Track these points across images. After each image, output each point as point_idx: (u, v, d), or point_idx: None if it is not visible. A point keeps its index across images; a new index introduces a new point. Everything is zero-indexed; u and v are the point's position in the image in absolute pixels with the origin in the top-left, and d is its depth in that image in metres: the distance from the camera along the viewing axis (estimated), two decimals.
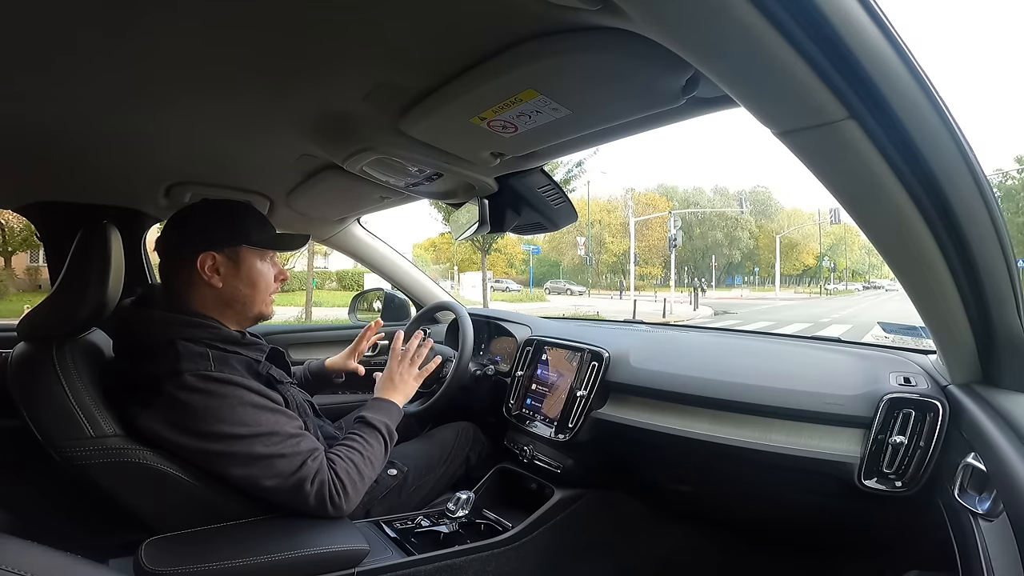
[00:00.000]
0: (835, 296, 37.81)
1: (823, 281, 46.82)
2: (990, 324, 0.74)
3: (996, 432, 0.68)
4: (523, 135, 0.85)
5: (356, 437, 1.01)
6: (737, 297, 32.71)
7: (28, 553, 0.53)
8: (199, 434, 0.86)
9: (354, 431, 1.04)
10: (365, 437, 1.02)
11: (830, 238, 48.60)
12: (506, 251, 36.44)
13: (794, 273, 48.96)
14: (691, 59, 0.53)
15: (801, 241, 47.45)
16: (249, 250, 0.99)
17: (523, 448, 1.38)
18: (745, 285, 47.27)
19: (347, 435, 1.03)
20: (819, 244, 48.01)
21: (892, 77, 0.49)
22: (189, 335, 0.92)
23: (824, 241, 48.37)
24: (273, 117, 0.90)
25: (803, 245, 47.77)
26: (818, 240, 47.51)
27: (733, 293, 38.01)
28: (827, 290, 42.98)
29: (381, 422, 1.06)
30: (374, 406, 1.11)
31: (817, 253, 48.28)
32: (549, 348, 1.44)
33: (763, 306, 23.11)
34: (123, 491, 0.89)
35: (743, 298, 31.65)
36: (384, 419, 1.07)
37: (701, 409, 1.12)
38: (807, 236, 47.15)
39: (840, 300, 30.91)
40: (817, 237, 47.29)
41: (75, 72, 0.72)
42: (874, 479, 0.91)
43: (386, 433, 1.05)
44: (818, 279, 47.99)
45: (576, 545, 1.29)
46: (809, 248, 48.44)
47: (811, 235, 47.10)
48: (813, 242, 47.95)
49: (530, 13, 0.57)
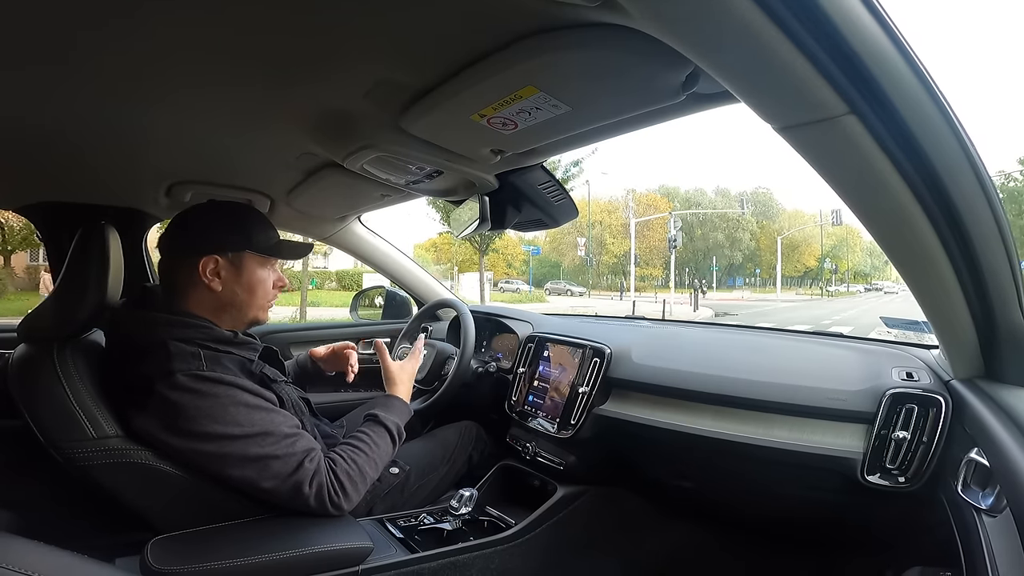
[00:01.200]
0: (836, 298, 37.47)
1: (824, 283, 46.13)
2: (992, 319, 0.74)
3: (999, 427, 0.68)
4: (523, 132, 0.85)
5: (365, 436, 1.01)
6: (738, 298, 32.39)
7: (34, 553, 0.53)
8: (192, 435, 0.86)
9: (364, 429, 1.03)
10: (374, 436, 1.02)
11: (832, 239, 47.91)
12: (505, 252, 35.78)
13: (795, 275, 48.02)
14: (691, 55, 0.53)
15: (803, 242, 46.64)
16: (252, 256, 0.99)
17: (525, 445, 1.38)
18: (746, 287, 46.33)
19: (357, 431, 1.03)
20: (820, 245, 47.10)
21: (892, 72, 0.49)
22: (181, 335, 0.91)
23: (826, 242, 47.61)
24: (273, 116, 0.90)
25: (804, 246, 46.86)
26: (819, 241, 46.64)
27: (734, 295, 37.39)
28: (828, 292, 42.62)
29: (393, 423, 1.06)
30: (387, 405, 1.11)
31: (818, 254, 47.33)
32: (551, 345, 1.44)
33: (764, 307, 22.95)
34: (126, 491, 0.89)
35: (744, 299, 31.41)
36: (396, 419, 1.08)
37: (703, 405, 1.12)
38: (809, 237, 46.30)
39: (841, 302, 30.76)
40: (818, 238, 46.26)
41: (74, 72, 0.72)
42: (877, 475, 0.91)
43: (396, 433, 1.06)
44: (819, 281, 47.14)
45: (579, 542, 1.29)
46: (811, 249, 47.26)
47: (813, 236, 46.13)
48: (815, 243, 46.87)
49: (529, 10, 0.57)
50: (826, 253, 48.13)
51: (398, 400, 1.13)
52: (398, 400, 1.13)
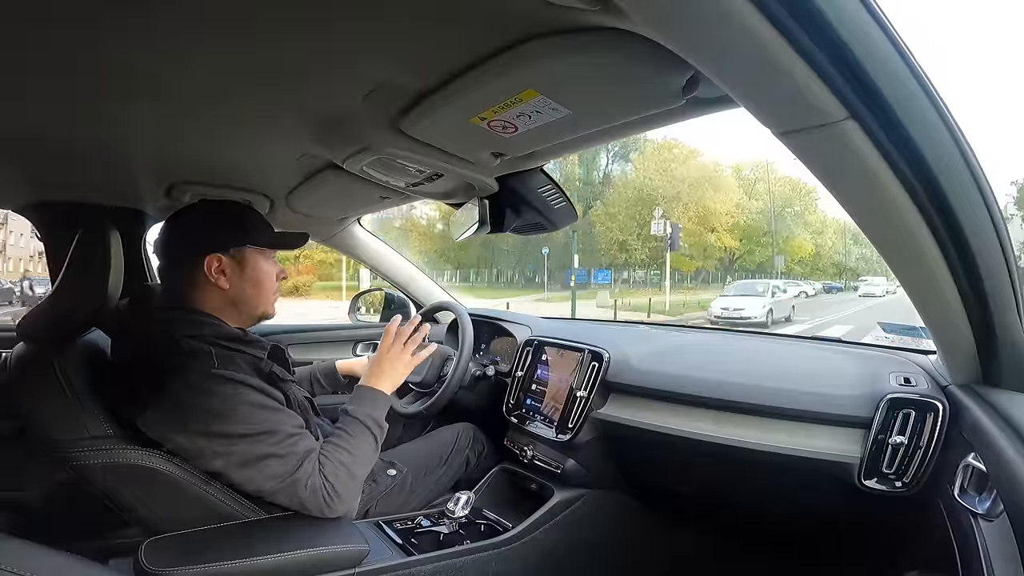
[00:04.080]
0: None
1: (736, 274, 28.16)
2: (990, 324, 0.74)
3: (996, 432, 0.68)
4: (523, 135, 0.85)
5: (341, 434, 0.98)
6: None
7: (28, 553, 0.53)
8: (201, 433, 0.86)
9: (339, 427, 1.01)
10: (350, 432, 0.99)
11: (761, 204, 28.88)
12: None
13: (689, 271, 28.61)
14: (691, 59, 0.53)
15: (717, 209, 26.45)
16: (254, 250, 1.00)
17: (523, 448, 1.38)
18: (628, 285, 26.96)
19: (333, 431, 1.00)
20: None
21: (893, 78, 0.49)
22: (192, 332, 0.92)
23: (750, 206, 28.50)
24: (273, 117, 0.90)
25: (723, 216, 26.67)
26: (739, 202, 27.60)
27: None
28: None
29: (366, 415, 1.01)
30: (356, 397, 1.06)
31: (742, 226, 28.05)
32: (549, 348, 1.44)
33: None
34: (122, 491, 0.89)
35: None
36: (368, 411, 1.02)
37: (701, 409, 1.12)
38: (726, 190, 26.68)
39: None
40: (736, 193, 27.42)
41: (74, 72, 0.72)
42: (874, 479, 0.91)
43: (372, 425, 1.01)
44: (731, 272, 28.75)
45: (576, 545, 1.29)
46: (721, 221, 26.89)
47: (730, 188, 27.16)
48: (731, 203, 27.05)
49: (530, 13, 0.57)
50: (750, 230, 28.73)
51: (368, 390, 1.06)
52: (368, 390, 1.06)
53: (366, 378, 1.09)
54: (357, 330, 1.90)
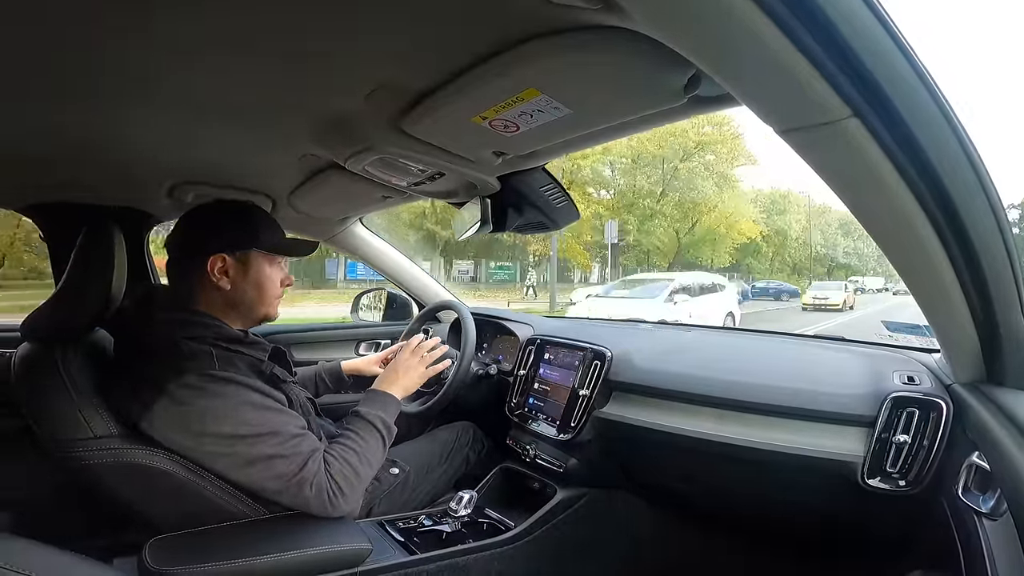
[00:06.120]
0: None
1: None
2: (994, 322, 0.74)
3: (1000, 431, 0.68)
4: (525, 134, 0.85)
5: (351, 434, 1.00)
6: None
7: (32, 553, 0.53)
8: (201, 434, 0.87)
9: (349, 427, 1.02)
10: (360, 433, 1.00)
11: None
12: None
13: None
14: (692, 58, 0.53)
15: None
16: (259, 254, 1.00)
17: (525, 447, 1.38)
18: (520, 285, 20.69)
19: (342, 431, 1.02)
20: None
21: (896, 75, 0.49)
22: (192, 334, 0.92)
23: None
24: (275, 117, 0.90)
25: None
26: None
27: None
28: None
29: (376, 416, 1.04)
30: (370, 399, 1.09)
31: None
32: (551, 347, 1.44)
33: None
34: (126, 491, 0.89)
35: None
36: (380, 413, 1.05)
37: (704, 408, 1.11)
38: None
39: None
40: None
41: (76, 72, 0.72)
42: (878, 478, 0.91)
43: (382, 427, 1.03)
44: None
45: (579, 544, 1.29)
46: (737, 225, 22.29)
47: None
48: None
49: (531, 12, 0.57)
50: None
51: (381, 394, 1.10)
52: (381, 394, 1.10)
53: (379, 382, 1.14)
54: (359, 329, 1.91)
